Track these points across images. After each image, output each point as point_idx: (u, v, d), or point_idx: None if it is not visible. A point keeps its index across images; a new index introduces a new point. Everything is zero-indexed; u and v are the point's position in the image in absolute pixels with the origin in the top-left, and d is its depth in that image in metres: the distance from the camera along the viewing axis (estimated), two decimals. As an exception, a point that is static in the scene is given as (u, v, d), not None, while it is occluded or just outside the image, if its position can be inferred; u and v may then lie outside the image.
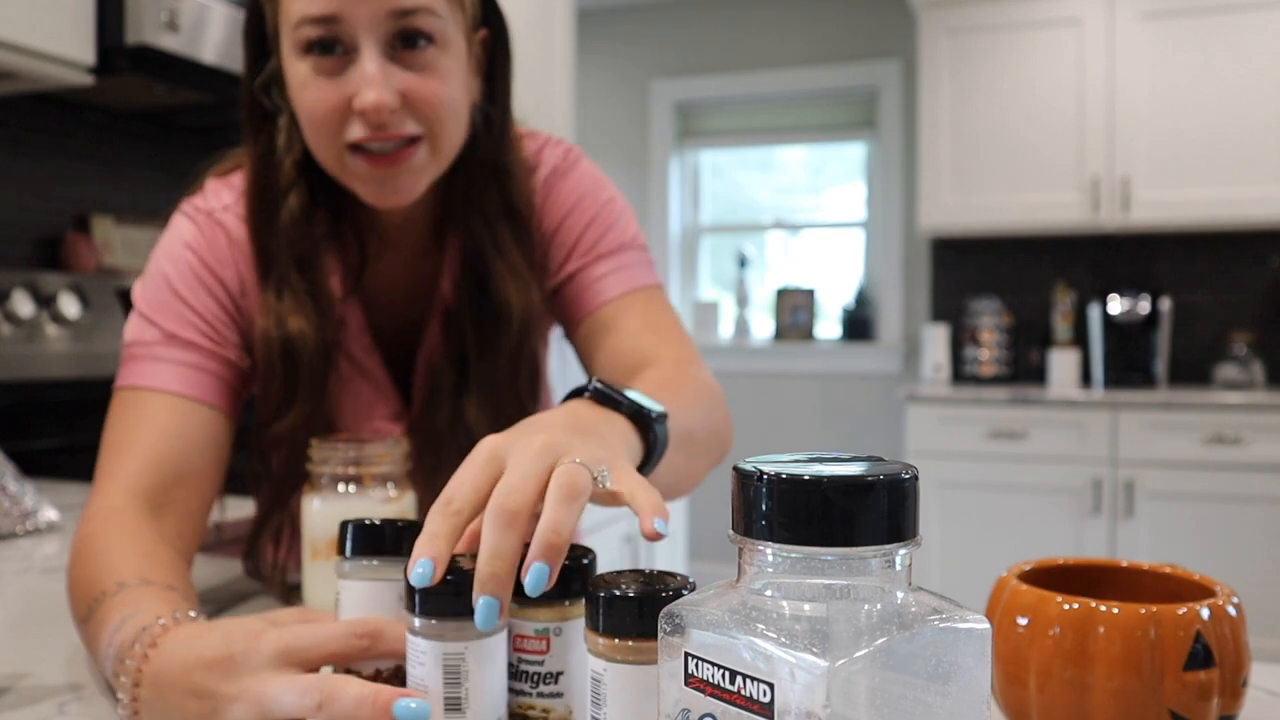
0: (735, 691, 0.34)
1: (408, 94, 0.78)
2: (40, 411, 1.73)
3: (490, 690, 0.53)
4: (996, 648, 0.54)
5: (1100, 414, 3.25)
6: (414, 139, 0.80)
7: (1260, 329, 3.62)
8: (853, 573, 0.34)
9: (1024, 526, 3.32)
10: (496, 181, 0.88)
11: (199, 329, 0.84)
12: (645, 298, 0.93)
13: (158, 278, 0.86)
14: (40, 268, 1.83)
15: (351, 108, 0.77)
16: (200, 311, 0.85)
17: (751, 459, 0.37)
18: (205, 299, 0.85)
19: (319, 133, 0.80)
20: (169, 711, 0.53)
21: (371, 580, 0.57)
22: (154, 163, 2.06)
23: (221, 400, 0.84)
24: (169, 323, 0.84)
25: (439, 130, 0.81)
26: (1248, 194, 3.34)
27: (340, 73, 0.78)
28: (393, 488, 0.82)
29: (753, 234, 4.57)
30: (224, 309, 0.86)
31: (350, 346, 0.91)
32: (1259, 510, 3.12)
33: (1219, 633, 0.51)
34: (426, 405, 0.92)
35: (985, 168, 3.60)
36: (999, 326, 3.73)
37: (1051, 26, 3.53)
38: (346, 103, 0.77)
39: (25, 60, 1.46)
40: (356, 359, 0.91)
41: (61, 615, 0.86)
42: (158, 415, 0.81)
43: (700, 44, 4.41)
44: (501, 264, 0.88)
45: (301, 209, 0.85)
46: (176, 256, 0.86)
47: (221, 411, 0.84)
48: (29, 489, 1.23)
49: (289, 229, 0.84)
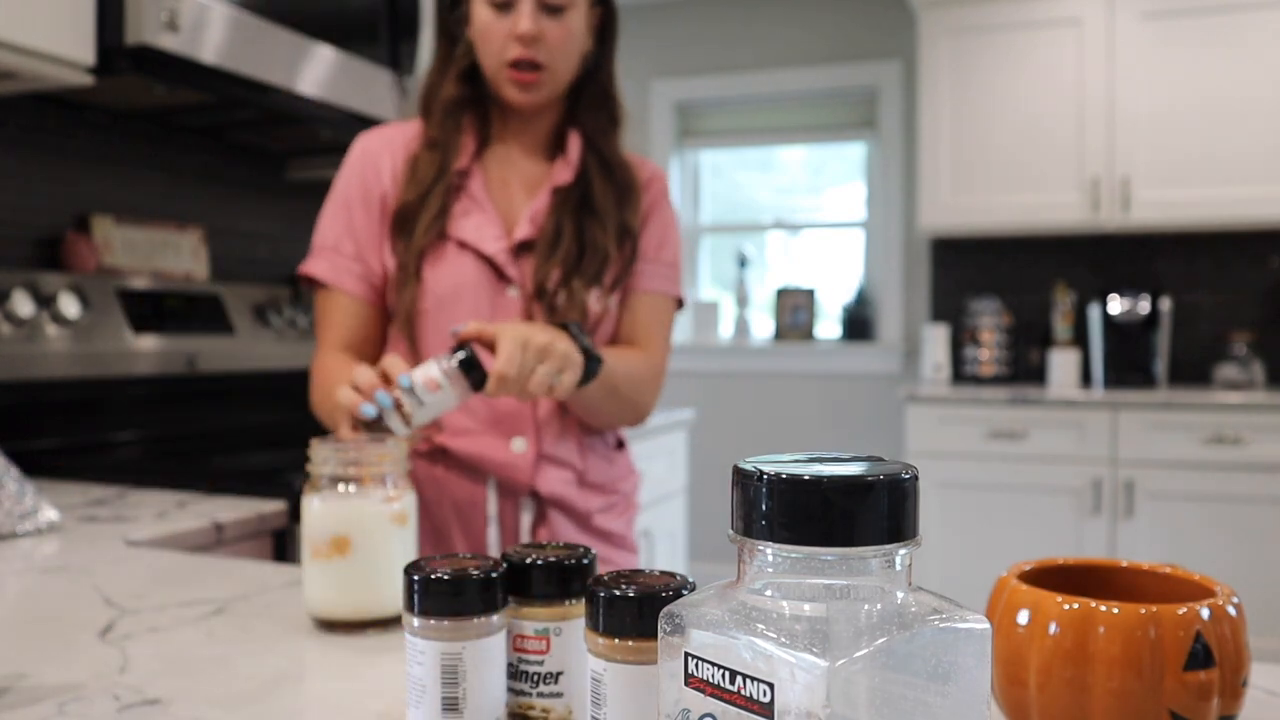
0: (735, 691, 0.34)
1: (544, 34, 1.20)
2: (40, 411, 1.73)
3: (488, 690, 0.52)
4: (996, 648, 0.54)
5: (1100, 414, 3.25)
6: (540, 67, 1.21)
7: (1260, 329, 3.62)
8: (853, 573, 0.34)
9: (1024, 527, 3.32)
10: (607, 107, 1.30)
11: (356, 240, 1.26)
12: (671, 306, 1.34)
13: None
14: (40, 268, 1.83)
15: (513, 34, 1.19)
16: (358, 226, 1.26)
17: (751, 459, 0.37)
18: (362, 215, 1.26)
19: (490, 52, 1.22)
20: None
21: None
22: (154, 163, 2.05)
23: (370, 294, 1.26)
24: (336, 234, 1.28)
25: (558, 63, 1.22)
26: (1248, 194, 3.34)
27: (507, 15, 1.20)
28: (393, 488, 0.82)
29: (753, 234, 4.57)
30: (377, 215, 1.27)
31: (471, 189, 1.25)
32: (1259, 510, 3.12)
33: (1219, 633, 0.51)
34: (547, 223, 1.26)
35: (985, 168, 3.60)
36: (999, 326, 3.73)
37: (1051, 26, 3.53)
38: (510, 33, 1.19)
39: (25, 60, 1.46)
40: (476, 198, 1.25)
41: (61, 615, 0.86)
42: (339, 306, 1.26)
43: (700, 44, 4.41)
44: (615, 149, 1.30)
45: (458, 92, 1.27)
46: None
47: (369, 303, 1.27)
48: (29, 489, 1.23)
49: (444, 101, 1.26)
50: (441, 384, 0.96)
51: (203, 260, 2.13)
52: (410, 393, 0.95)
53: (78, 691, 0.66)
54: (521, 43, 1.18)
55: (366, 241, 1.25)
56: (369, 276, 1.25)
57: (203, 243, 2.14)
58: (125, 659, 0.73)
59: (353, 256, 1.25)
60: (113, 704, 0.64)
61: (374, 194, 1.26)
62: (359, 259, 1.25)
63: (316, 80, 1.83)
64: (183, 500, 1.41)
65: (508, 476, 1.22)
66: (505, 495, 1.23)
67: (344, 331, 1.24)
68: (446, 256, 1.22)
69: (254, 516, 1.35)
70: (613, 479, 1.32)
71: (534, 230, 1.24)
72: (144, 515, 1.30)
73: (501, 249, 1.23)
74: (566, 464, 1.25)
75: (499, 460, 1.21)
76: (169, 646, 0.76)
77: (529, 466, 1.22)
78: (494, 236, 1.23)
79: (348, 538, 0.80)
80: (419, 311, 1.21)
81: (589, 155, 1.28)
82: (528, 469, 1.22)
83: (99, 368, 1.75)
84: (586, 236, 1.24)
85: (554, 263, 1.22)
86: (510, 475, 1.22)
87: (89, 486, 1.52)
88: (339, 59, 1.88)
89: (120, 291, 1.83)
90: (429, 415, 0.97)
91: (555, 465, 1.24)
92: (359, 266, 1.25)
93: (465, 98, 1.27)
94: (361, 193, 1.26)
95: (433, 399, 0.96)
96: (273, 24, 1.73)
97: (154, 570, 1.02)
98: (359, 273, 1.25)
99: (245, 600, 0.90)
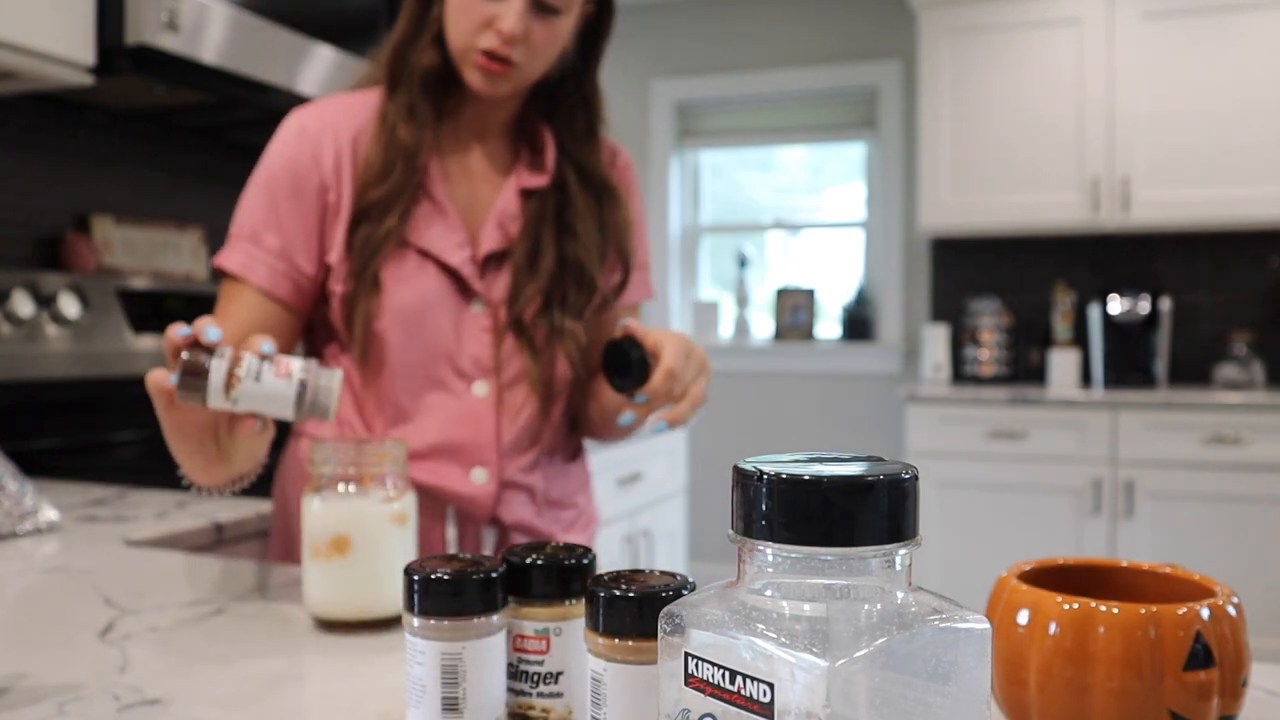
0: (735, 691, 0.34)
1: (529, 36, 1.06)
2: (40, 411, 1.73)
3: (488, 690, 0.52)
4: (996, 648, 0.54)
5: (1100, 414, 3.25)
6: (514, 64, 1.07)
7: (1260, 329, 3.62)
8: (853, 573, 0.34)
9: (1024, 526, 3.32)
10: (585, 109, 1.17)
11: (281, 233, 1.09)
12: (638, 312, 1.26)
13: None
14: (40, 268, 1.83)
15: (493, 25, 1.05)
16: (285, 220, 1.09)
17: (751, 459, 0.37)
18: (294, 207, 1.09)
19: (463, 30, 1.06)
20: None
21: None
22: (154, 163, 2.05)
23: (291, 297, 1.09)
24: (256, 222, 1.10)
25: (535, 63, 1.09)
26: (1248, 194, 3.33)
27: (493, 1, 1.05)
28: (393, 488, 0.82)
29: (753, 234, 4.57)
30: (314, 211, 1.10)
31: (431, 190, 1.11)
32: (1259, 510, 3.12)
33: (1219, 633, 0.51)
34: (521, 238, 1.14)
35: (985, 167, 3.60)
36: (999, 326, 3.73)
37: (1051, 26, 3.53)
38: (489, 20, 1.05)
39: (25, 60, 1.46)
40: (437, 200, 1.11)
41: (61, 615, 0.86)
42: (245, 302, 1.08)
43: (700, 44, 4.41)
44: (593, 157, 1.17)
45: (436, 61, 1.10)
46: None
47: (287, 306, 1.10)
48: (29, 489, 1.23)
49: (425, 69, 1.10)
50: (293, 377, 0.79)
51: (203, 260, 2.13)
52: (264, 359, 0.79)
53: (78, 691, 0.66)
54: (501, 37, 1.04)
55: (294, 237, 1.07)
56: (293, 276, 1.07)
57: (203, 243, 2.14)
58: (125, 659, 0.73)
59: (276, 253, 1.06)
60: (113, 704, 0.64)
61: (308, 183, 1.08)
62: (283, 256, 1.06)
63: (316, 80, 1.83)
64: (183, 500, 1.41)
65: (465, 507, 1.11)
66: (465, 523, 1.12)
67: (243, 330, 1.01)
68: (407, 268, 1.07)
69: (254, 516, 1.35)
70: (570, 492, 1.22)
71: (504, 240, 1.12)
72: (144, 515, 1.30)
73: (466, 259, 1.09)
74: (526, 488, 1.14)
75: (457, 492, 1.10)
76: (169, 646, 0.76)
77: (489, 499, 1.11)
78: (457, 244, 1.09)
79: (348, 538, 0.80)
80: (374, 334, 1.07)
81: (564, 163, 1.15)
82: (488, 501, 1.11)
83: (99, 368, 1.75)
84: (569, 258, 1.12)
85: (534, 287, 1.11)
86: (469, 508, 1.10)
87: (89, 486, 1.52)
88: (339, 59, 1.88)
89: (120, 291, 1.83)
90: (256, 398, 0.78)
91: (516, 490, 1.13)
92: (283, 264, 1.06)
93: (444, 69, 1.11)
94: (291, 180, 1.08)
95: (273, 385, 0.78)
96: (273, 24, 1.73)
97: (154, 570, 1.02)
98: (282, 270, 1.06)
99: (245, 600, 0.90)
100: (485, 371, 1.11)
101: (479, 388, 1.11)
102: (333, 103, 1.15)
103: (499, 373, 1.12)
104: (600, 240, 1.15)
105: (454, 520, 1.11)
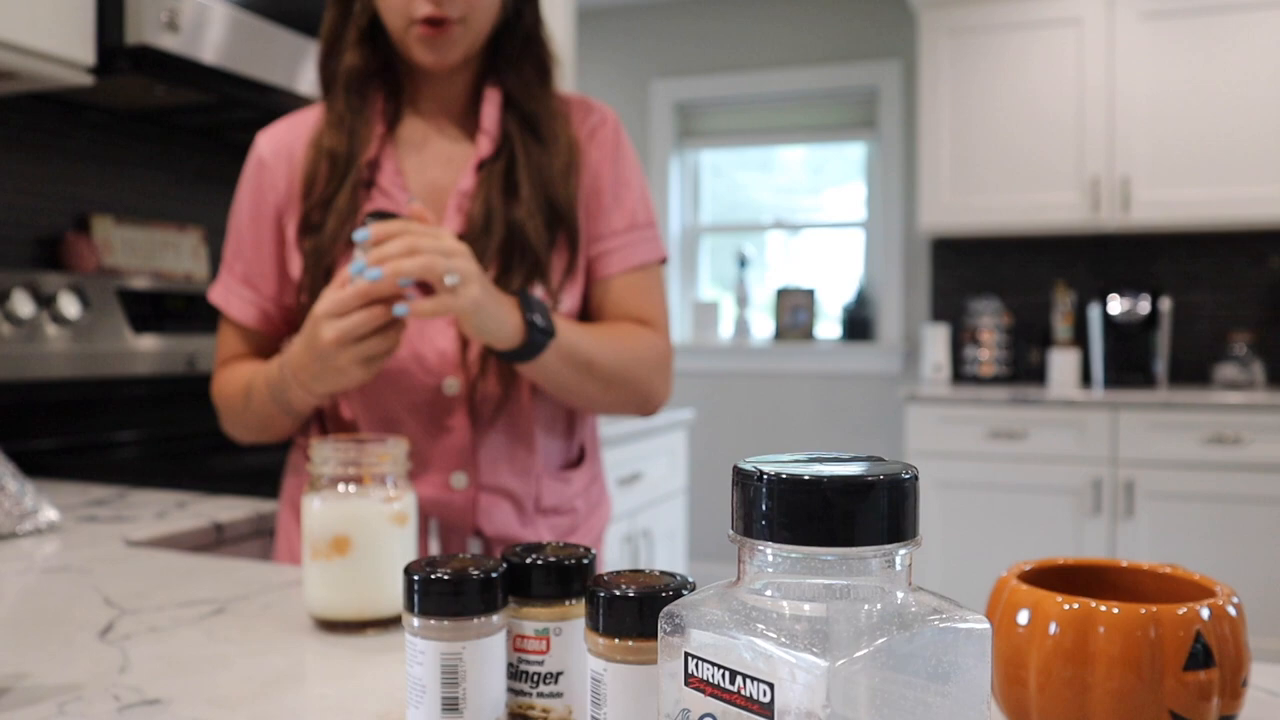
0: (735, 691, 0.34)
1: None
2: (40, 411, 1.73)
3: (488, 690, 0.52)
4: (996, 648, 0.54)
5: (1100, 414, 3.25)
6: (453, 22, 1.04)
7: (1260, 329, 3.62)
8: (853, 573, 0.34)
9: (1024, 526, 3.32)
10: (531, 57, 1.13)
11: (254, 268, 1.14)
12: (656, 272, 1.17)
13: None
14: (40, 268, 1.83)
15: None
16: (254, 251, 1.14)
17: (751, 459, 0.37)
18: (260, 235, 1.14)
19: (396, 9, 1.05)
20: (306, 363, 0.97)
21: None
22: (154, 163, 2.05)
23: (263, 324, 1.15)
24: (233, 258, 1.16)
25: (474, 17, 1.06)
26: (1248, 194, 3.34)
27: None
28: (393, 487, 0.82)
29: (753, 234, 4.57)
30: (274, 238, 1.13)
31: (384, 185, 1.10)
32: (1259, 510, 3.12)
33: (1219, 633, 0.51)
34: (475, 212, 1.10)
35: (985, 168, 3.60)
36: (999, 326, 3.73)
37: (1051, 26, 3.53)
38: None
39: (25, 60, 1.46)
40: (389, 192, 1.09)
41: (61, 615, 0.86)
42: (231, 333, 1.17)
43: (700, 44, 4.41)
44: (542, 108, 1.11)
45: (361, 59, 1.10)
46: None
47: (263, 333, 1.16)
48: (29, 489, 1.23)
49: (346, 71, 1.10)
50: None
51: (203, 260, 2.13)
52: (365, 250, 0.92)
53: (78, 691, 0.66)
54: (432, 1, 1.02)
55: (255, 263, 1.12)
56: (259, 302, 1.13)
57: (203, 243, 2.14)
58: (125, 659, 0.73)
59: (241, 279, 1.13)
60: (113, 704, 0.64)
61: (265, 208, 1.12)
62: (247, 282, 1.13)
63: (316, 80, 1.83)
64: (182, 500, 1.41)
65: (447, 516, 1.08)
66: (448, 535, 1.09)
67: (234, 356, 1.15)
68: None
69: (254, 516, 1.35)
70: (568, 498, 1.16)
71: (463, 221, 1.08)
72: (144, 515, 1.30)
73: None
74: (510, 494, 1.10)
75: (436, 499, 1.07)
76: (169, 646, 0.76)
77: (468, 504, 1.08)
78: None
79: (348, 538, 0.80)
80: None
81: (509, 118, 1.10)
82: (468, 506, 1.08)
83: (99, 368, 1.75)
84: (513, 222, 1.07)
85: (487, 259, 1.05)
86: (450, 515, 1.08)
87: (89, 486, 1.52)
88: (339, 59, 1.88)
89: (120, 291, 1.83)
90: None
91: (499, 497, 1.09)
92: (248, 291, 1.13)
93: (370, 66, 1.10)
94: (251, 208, 1.13)
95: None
96: (273, 24, 1.73)
97: (154, 570, 1.02)
98: (249, 298, 1.13)
99: (245, 600, 0.90)
100: (452, 366, 1.07)
101: (449, 385, 1.07)
102: (290, 121, 1.17)
103: (466, 366, 1.07)
104: (544, 198, 1.08)
105: (437, 534, 1.08)
